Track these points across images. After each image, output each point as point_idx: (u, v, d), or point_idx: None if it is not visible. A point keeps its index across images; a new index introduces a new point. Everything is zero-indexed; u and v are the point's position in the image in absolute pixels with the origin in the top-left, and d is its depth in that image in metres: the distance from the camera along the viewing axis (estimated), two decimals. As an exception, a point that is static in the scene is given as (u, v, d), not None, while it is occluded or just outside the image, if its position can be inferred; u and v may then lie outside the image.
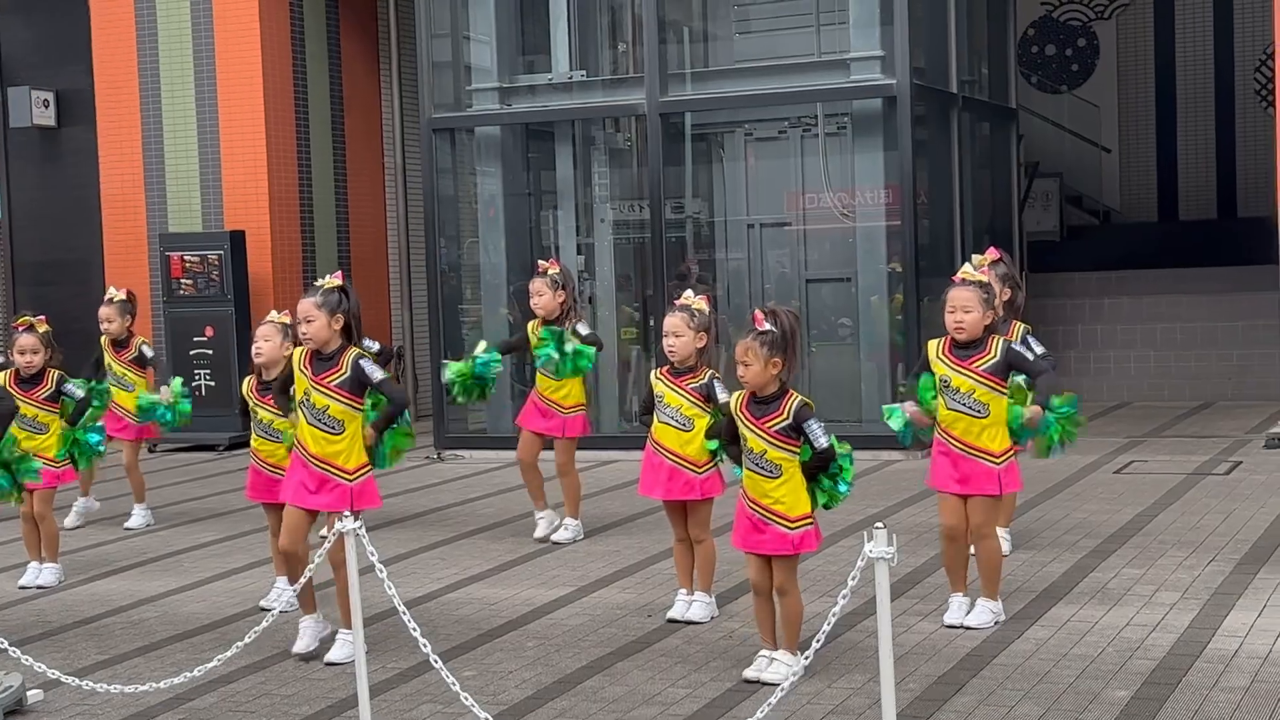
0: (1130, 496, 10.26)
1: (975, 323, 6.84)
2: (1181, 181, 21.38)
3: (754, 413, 6.31)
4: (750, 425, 6.31)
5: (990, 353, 6.86)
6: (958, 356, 6.87)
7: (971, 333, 6.85)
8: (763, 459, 6.29)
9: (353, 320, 7.03)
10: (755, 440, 6.30)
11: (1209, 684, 6.08)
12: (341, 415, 6.94)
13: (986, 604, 7.09)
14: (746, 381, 6.28)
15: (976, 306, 6.83)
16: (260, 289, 15.02)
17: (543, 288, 9.48)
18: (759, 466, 6.31)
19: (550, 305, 9.45)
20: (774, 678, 6.22)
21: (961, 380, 6.84)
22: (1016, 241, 15.68)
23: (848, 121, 13.54)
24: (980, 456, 6.89)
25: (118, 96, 15.62)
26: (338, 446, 6.95)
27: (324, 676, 6.82)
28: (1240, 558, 8.26)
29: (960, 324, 6.85)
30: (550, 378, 9.49)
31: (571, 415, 9.55)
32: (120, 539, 10.52)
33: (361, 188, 16.62)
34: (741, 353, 6.27)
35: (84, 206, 15.98)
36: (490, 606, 8.00)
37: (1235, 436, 12.81)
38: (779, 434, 6.26)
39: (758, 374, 6.25)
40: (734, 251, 14.22)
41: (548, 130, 14.50)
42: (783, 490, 6.30)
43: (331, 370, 6.93)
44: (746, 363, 6.26)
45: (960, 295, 6.86)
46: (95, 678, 6.63)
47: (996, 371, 6.84)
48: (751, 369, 6.25)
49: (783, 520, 6.31)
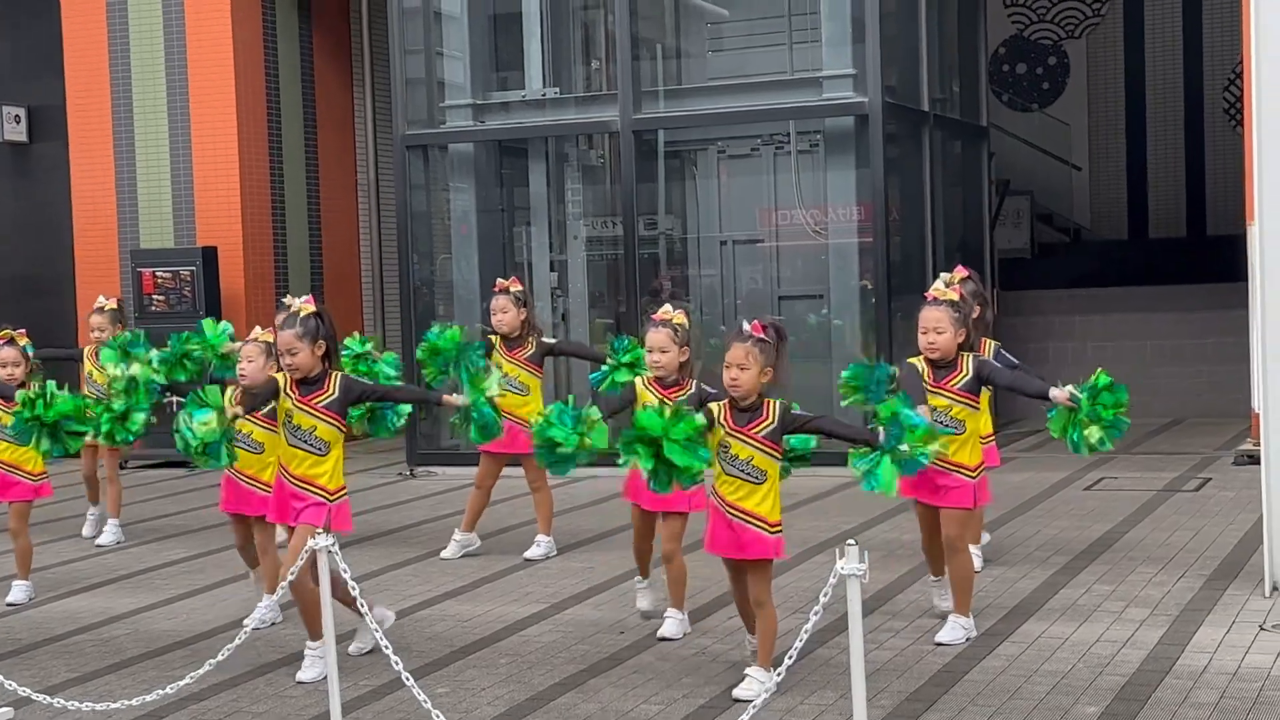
0: (1101, 513, 10.32)
1: (948, 342, 6.91)
2: (1151, 199, 21.53)
3: (738, 421, 6.36)
4: (736, 433, 6.35)
5: (963, 370, 6.96)
6: (934, 377, 6.96)
7: (945, 352, 6.92)
8: (749, 465, 6.33)
9: (331, 344, 7.05)
10: (742, 447, 6.33)
11: (1178, 700, 6.12)
12: (327, 436, 6.97)
13: (958, 620, 7.12)
14: (739, 385, 6.30)
15: (949, 326, 6.89)
16: (233, 305, 14.99)
17: (507, 304, 9.50)
18: (744, 473, 6.34)
19: (514, 322, 9.47)
20: (746, 694, 6.24)
21: (938, 399, 6.93)
22: (988, 259, 15.77)
23: (820, 139, 13.61)
24: (955, 471, 6.98)
25: (90, 112, 15.59)
26: (321, 468, 6.97)
27: (296, 694, 6.81)
28: (1209, 574, 8.32)
29: (933, 344, 6.92)
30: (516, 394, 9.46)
31: None
32: (91, 555, 10.48)
33: (335, 204, 16.61)
34: (741, 356, 6.28)
35: (56, 222, 15.93)
36: (463, 623, 8.00)
37: (1204, 453, 12.89)
38: (766, 439, 6.32)
39: (752, 378, 6.28)
40: (707, 268, 14.27)
41: (521, 147, 14.52)
42: (763, 495, 6.35)
43: (318, 392, 6.95)
44: (745, 366, 6.28)
45: (931, 315, 6.92)
46: (66, 695, 6.60)
47: (970, 389, 6.94)
48: (748, 373, 6.28)
49: (763, 524, 6.35)
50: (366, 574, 9.15)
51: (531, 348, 9.54)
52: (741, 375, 6.29)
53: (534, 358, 9.56)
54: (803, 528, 10.19)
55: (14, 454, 8.67)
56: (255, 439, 8.10)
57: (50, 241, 16.01)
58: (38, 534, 10.66)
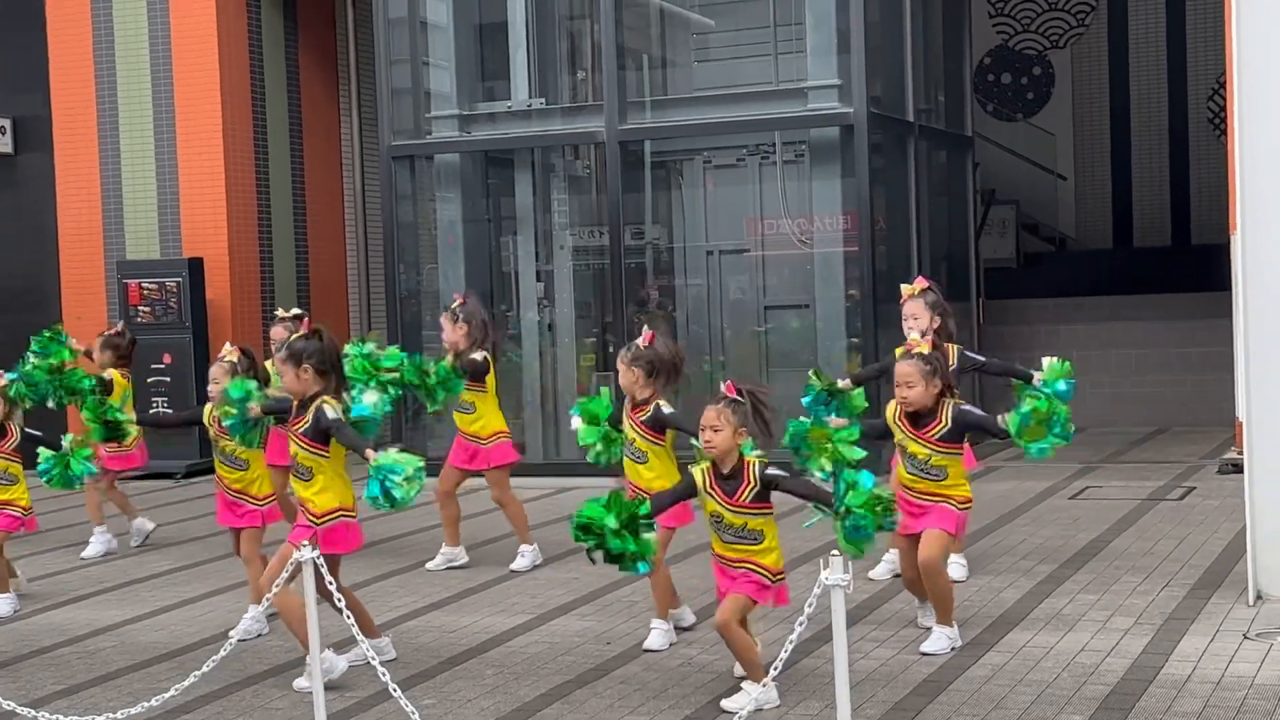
0: (1086, 522, 10.34)
1: (919, 396, 7.02)
2: (1136, 209, 21.59)
3: (725, 490, 6.40)
4: (724, 504, 6.40)
5: (942, 421, 7.04)
6: (912, 425, 7.07)
7: (919, 405, 7.04)
8: (745, 530, 6.40)
9: (327, 364, 7.05)
10: (733, 516, 6.39)
11: (1162, 709, 6.14)
12: (309, 463, 7.05)
13: (942, 630, 7.14)
14: (714, 447, 6.35)
15: (919, 381, 7.01)
16: (219, 316, 14.98)
17: (444, 322, 9.52)
18: (741, 537, 6.41)
19: (454, 338, 9.45)
20: (733, 705, 6.23)
21: (917, 448, 7.05)
22: (973, 268, 15.81)
23: (805, 149, 13.64)
24: (943, 500, 7.09)
25: (75, 123, 15.57)
26: (308, 492, 7.06)
27: (282, 705, 6.81)
28: (1194, 583, 8.34)
29: (905, 399, 7.04)
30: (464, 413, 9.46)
31: (491, 445, 9.52)
32: (76, 568, 10.46)
33: (321, 214, 16.60)
34: (713, 418, 6.35)
35: (41, 234, 15.90)
36: (449, 634, 8.00)
37: (1189, 462, 12.92)
38: (753, 503, 6.38)
39: (726, 439, 6.35)
40: (693, 278, 14.29)
41: (507, 157, 14.54)
42: (765, 548, 6.44)
43: (299, 419, 7.06)
44: (717, 428, 6.34)
45: (902, 370, 7.05)
46: (52, 708, 6.60)
47: (949, 439, 7.04)
48: (721, 434, 6.34)
49: (765, 572, 6.44)
50: (353, 585, 9.13)
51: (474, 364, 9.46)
52: (715, 437, 6.36)
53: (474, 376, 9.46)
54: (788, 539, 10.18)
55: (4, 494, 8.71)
56: (239, 456, 8.13)
57: (35, 253, 15.97)
58: (21, 546, 10.65)
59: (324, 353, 7.07)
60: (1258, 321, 7.87)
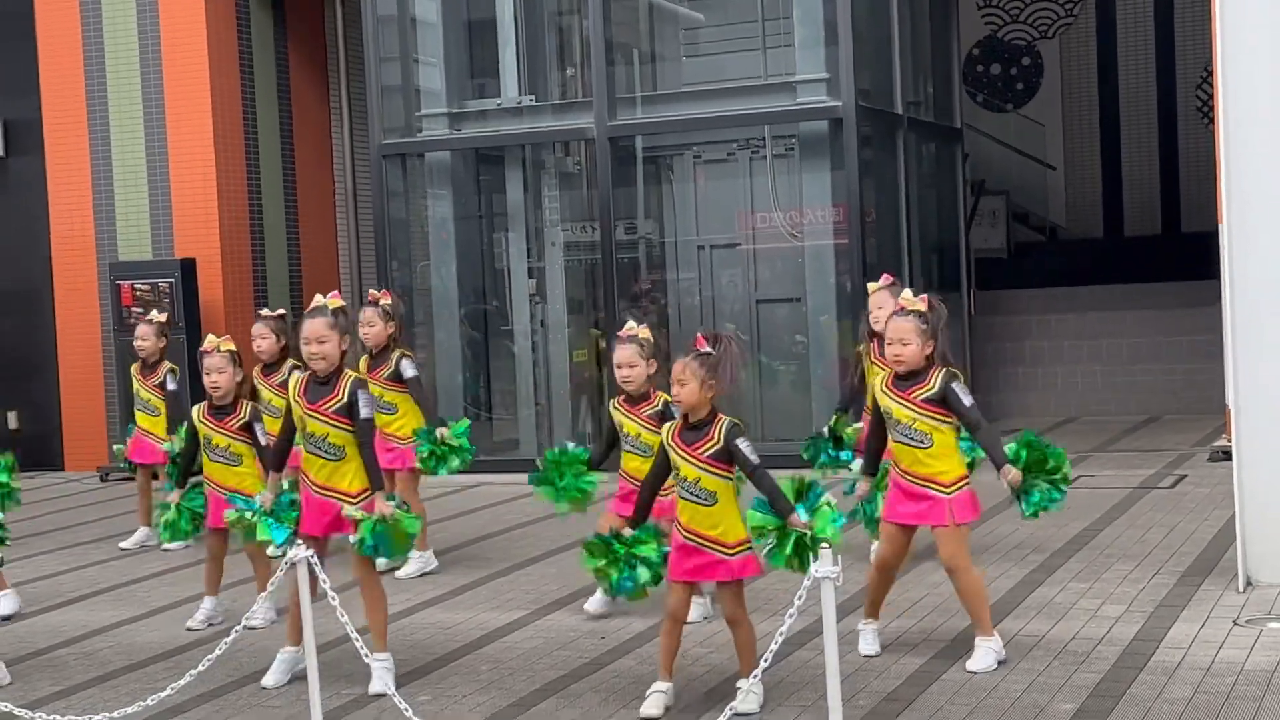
0: (1077, 511, 10.37)
1: (914, 354, 6.76)
2: (1126, 198, 21.64)
3: (685, 440, 6.31)
4: (682, 453, 6.30)
5: (930, 384, 6.76)
6: (898, 388, 6.82)
7: (910, 363, 6.77)
8: (697, 486, 6.27)
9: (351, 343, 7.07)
10: (688, 468, 6.28)
11: (1152, 696, 6.18)
12: (340, 441, 6.89)
13: (985, 643, 6.81)
14: (681, 400, 6.31)
15: (914, 338, 6.74)
16: (212, 316, 15.00)
17: (374, 318, 9.37)
18: (693, 494, 6.29)
19: (380, 337, 9.38)
20: (750, 708, 6.20)
21: (902, 412, 6.76)
22: (964, 259, 15.85)
23: (795, 143, 13.68)
24: (929, 487, 6.78)
25: (66, 126, 15.59)
26: (341, 472, 6.91)
27: (278, 704, 6.84)
28: (1184, 570, 8.39)
29: (899, 356, 6.78)
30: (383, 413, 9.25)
31: (408, 445, 9.42)
32: (72, 569, 10.49)
33: (312, 213, 16.63)
34: (679, 371, 6.29)
35: (33, 237, 15.91)
36: (444, 631, 8.04)
37: (1180, 450, 12.97)
38: (711, 459, 6.24)
39: (692, 393, 6.25)
40: (685, 272, 14.33)
41: (498, 154, 14.57)
42: (717, 516, 6.28)
43: (329, 397, 6.87)
44: (683, 381, 6.26)
45: (898, 326, 6.79)
46: (49, 709, 6.63)
47: (934, 402, 6.73)
48: (687, 387, 6.25)
49: (719, 547, 6.28)
50: (348, 583, 9.17)
51: (391, 366, 9.38)
52: (682, 390, 6.27)
53: (394, 376, 9.39)
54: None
55: None
56: (233, 451, 8.17)
57: (28, 256, 15.99)
58: (17, 549, 10.67)
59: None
60: (1245, 309, 7.92)
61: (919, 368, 6.79)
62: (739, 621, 6.38)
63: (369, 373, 9.35)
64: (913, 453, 6.79)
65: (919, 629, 7.47)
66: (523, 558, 9.82)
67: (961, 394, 6.74)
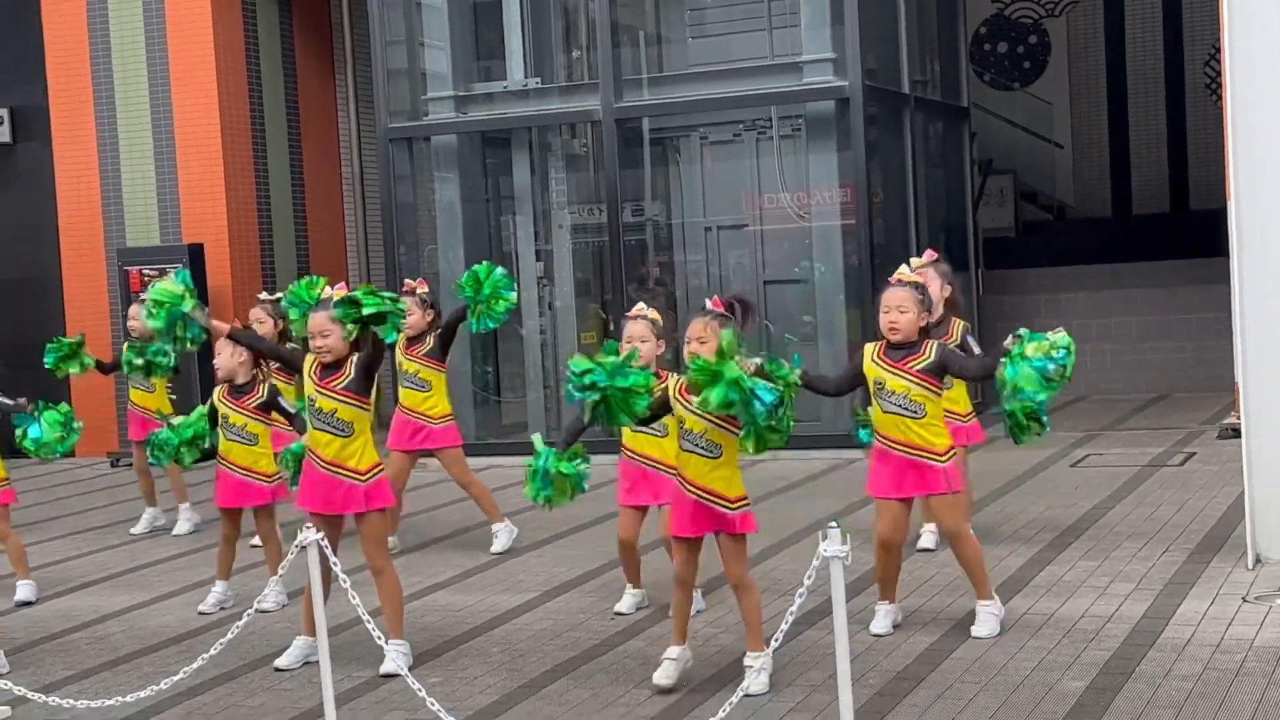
0: (1086, 490, 10.39)
1: (910, 324, 6.80)
2: (1134, 176, 21.59)
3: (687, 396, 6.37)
4: (688, 406, 6.35)
5: (924, 354, 6.81)
6: (891, 358, 6.84)
7: (906, 333, 6.81)
8: (702, 439, 6.32)
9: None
10: (695, 420, 6.33)
11: (1162, 673, 6.19)
12: (350, 417, 6.93)
13: (986, 607, 6.94)
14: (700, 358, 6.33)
15: (911, 307, 6.80)
16: (220, 301, 15.01)
17: (413, 307, 9.43)
18: (699, 447, 6.34)
19: (419, 323, 9.46)
20: (760, 688, 6.24)
21: (896, 382, 6.78)
22: (971, 238, 15.83)
23: (801, 123, 13.65)
24: (923, 455, 6.82)
25: (73, 112, 15.60)
26: (350, 449, 6.94)
27: (290, 687, 6.87)
28: (1193, 547, 8.40)
29: (895, 324, 6.81)
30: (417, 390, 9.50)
31: (441, 425, 9.54)
32: (83, 554, 10.52)
33: (319, 198, 16.64)
34: (700, 330, 6.37)
35: (41, 223, 15.94)
36: (455, 613, 8.06)
37: (1189, 428, 12.97)
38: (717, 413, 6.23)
39: (711, 352, 6.29)
40: (692, 254, 14.31)
41: (505, 137, 14.56)
42: (721, 471, 6.34)
43: (337, 374, 6.94)
44: (704, 339, 6.34)
45: (895, 296, 6.84)
46: (63, 693, 6.67)
47: (930, 372, 6.78)
48: (708, 345, 6.32)
49: (723, 500, 6.35)
50: (357, 566, 9.20)
51: (430, 344, 9.50)
52: (703, 349, 6.34)
53: (433, 353, 9.52)
54: (791, 511, 10.27)
55: None
56: (249, 431, 8.22)
57: (36, 243, 16.02)
58: (29, 535, 10.70)
59: None
60: (1253, 287, 7.91)
61: (913, 339, 6.83)
62: (743, 584, 6.41)
63: (407, 349, 9.48)
64: (904, 423, 6.81)
65: (929, 608, 7.48)
66: (532, 540, 9.84)
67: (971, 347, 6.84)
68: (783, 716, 5.98)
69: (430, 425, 9.54)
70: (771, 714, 6.01)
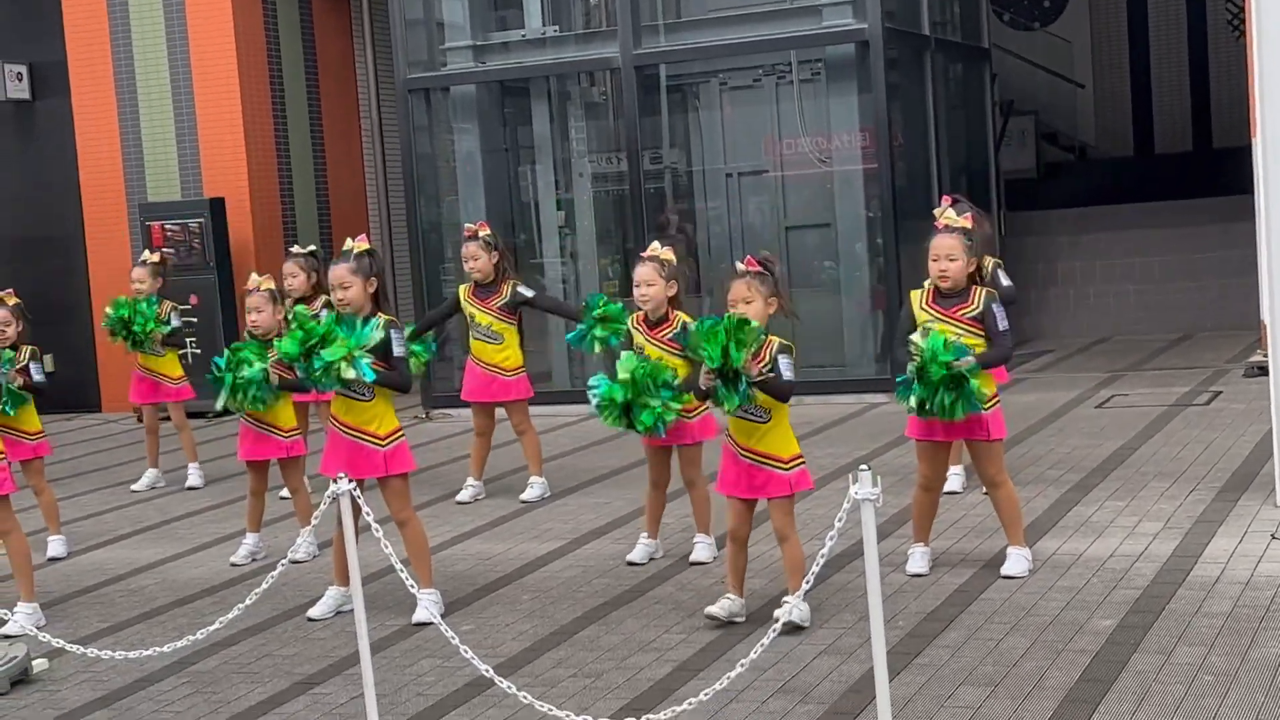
0: (1112, 430, 10.39)
1: (959, 270, 6.86)
2: (1156, 114, 21.44)
3: None
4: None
5: (973, 303, 6.88)
6: (941, 305, 6.90)
7: (955, 281, 6.87)
8: (753, 406, 6.35)
9: (382, 285, 7.06)
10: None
11: (1192, 611, 6.21)
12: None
13: (1018, 551, 6.99)
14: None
15: (960, 254, 6.85)
16: (242, 255, 15.05)
17: (476, 251, 9.46)
18: (748, 412, 6.37)
19: (486, 268, 9.47)
20: (800, 619, 6.31)
21: (947, 329, 6.81)
22: (993, 180, 15.77)
23: (821, 67, 13.58)
24: None
25: (91, 67, 15.59)
26: (369, 414, 6.96)
27: (324, 636, 6.93)
28: (1221, 486, 8.40)
29: (945, 272, 6.85)
30: (489, 342, 9.54)
31: (514, 377, 9.59)
32: (114, 508, 10.60)
33: (339, 150, 16.62)
34: (744, 290, 6.38)
35: (62, 179, 15.96)
36: (485, 561, 8.11)
37: (1215, 367, 12.94)
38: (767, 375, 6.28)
39: (759, 311, 6.34)
40: (713, 201, 14.28)
41: (523, 86, 14.52)
42: (774, 433, 6.38)
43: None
44: (749, 300, 6.35)
45: (944, 243, 6.87)
46: (99, 645, 6.73)
47: (979, 320, 6.86)
48: (754, 306, 6.34)
49: (777, 463, 6.39)
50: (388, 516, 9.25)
51: (506, 295, 9.49)
52: (749, 309, 6.35)
53: (507, 306, 9.52)
54: (813, 456, 10.28)
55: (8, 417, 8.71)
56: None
57: (57, 199, 16.04)
58: (60, 489, 10.77)
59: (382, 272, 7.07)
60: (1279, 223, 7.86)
61: (962, 286, 6.85)
62: (788, 538, 6.45)
63: (480, 300, 9.47)
64: None
65: (957, 549, 7.50)
66: (559, 489, 9.88)
67: (999, 318, 6.83)
68: (813, 659, 6.02)
69: (503, 377, 9.57)
70: (802, 656, 6.05)
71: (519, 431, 9.75)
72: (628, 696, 5.76)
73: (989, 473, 7.01)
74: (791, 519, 6.47)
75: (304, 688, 6.23)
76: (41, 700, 6.35)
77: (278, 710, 5.99)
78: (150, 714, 6.08)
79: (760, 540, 7.35)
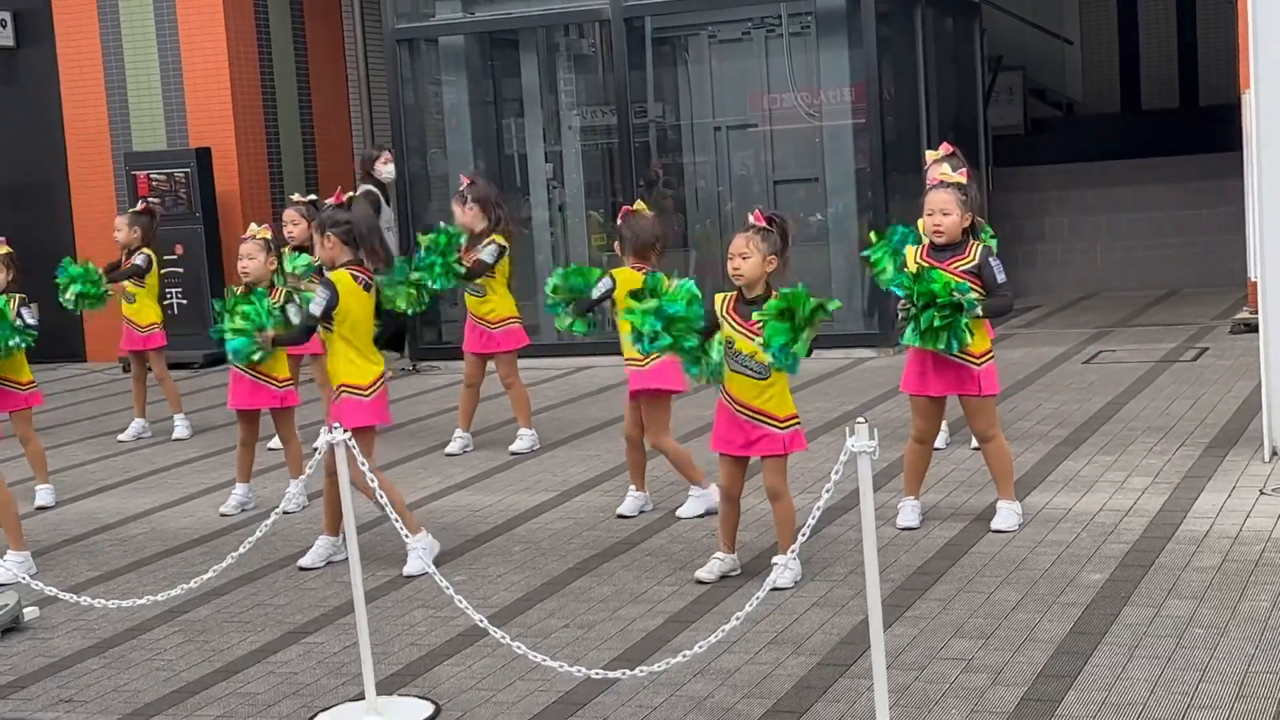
0: (1100, 386, 10.42)
1: (954, 225, 6.84)
2: (1144, 71, 21.40)
3: (742, 314, 6.34)
4: (739, 326, 6.33)
5: (969, 256, 6.85)
6: (936, 259, 6.86)
7: (950, 235, 6.85)
8: (751, 360, 6.31)
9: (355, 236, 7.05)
10: (744, 342, 6.31)
11: (1181, 564, 6.25)
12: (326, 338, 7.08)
13: (1008, 505, 7.01)
14: (742, 274, 6.32)
15: (955, 208, 6.83)
16: (228, 205, 14.98)
17: (455, 207, 9.52)
18: (747, 368, 6.34)
19: (465, 221, 9.44)
20: (785, 582, 6.28)
21: None
22: (982, 136, 15.75)
23: (811, 21, 13.53)
24: (961, 358, 6.83)
25: (76, 14, 15.47)
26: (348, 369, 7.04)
27: (316, 585, 6.94)
28: (1209, 441, 8.43)
29: (939, 226, 6.84)
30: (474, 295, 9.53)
31: (500, 330, 9.56)
32: (101, 457, 10.58)
33: (325, 100, 16.53)
34: (742, 244, 6.33)
35: (47, 129, 15.85)
36: (475, 513, 8.12)
37: (1201, 323, 12.98)
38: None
39: (755, 266, 6.29)
40: (701, 154, 14.25)
41: (512, 38, 14.44)
42: (771, 391, 6.35)
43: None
44: (746, 254, 6.31)
45: (938, 198, 6.86)
46: (90, 593, 6.73)
47: (974, 273, 6.83)
48: (750, 260, 6.30)
49: (773, 421, 6.37)
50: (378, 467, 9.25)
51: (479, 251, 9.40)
52: (744, 264, 6.32)
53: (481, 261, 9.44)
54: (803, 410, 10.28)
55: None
56: None
57: (42, 148, 15.94)
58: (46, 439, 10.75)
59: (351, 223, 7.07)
60: (1272, 180, 7.87)
61: (957, 239, 6.83)
62: (780, 495, 6.44)
63: (464, 253, 9.38)
64: None
65: (947, 503, 7.53)
66: (547, 441, 9.88)
67: (997, 270, 6.82)
68: (806, 610, 6.04)
69: (490, 330, 9.54)
70: (795, 608, 6.07)
71: (506, 384, 9.74)
72: (620, 648, 5.78)
73: (980, 427, 7.03)
74: (784, 478, 6.46)
75: (296, 637, 6.24)
76: (33, 648, 6.35)
77: (270, 659, 6.00)
78: (142, 661, 6.09)
79: (751, 493, 7.37)
